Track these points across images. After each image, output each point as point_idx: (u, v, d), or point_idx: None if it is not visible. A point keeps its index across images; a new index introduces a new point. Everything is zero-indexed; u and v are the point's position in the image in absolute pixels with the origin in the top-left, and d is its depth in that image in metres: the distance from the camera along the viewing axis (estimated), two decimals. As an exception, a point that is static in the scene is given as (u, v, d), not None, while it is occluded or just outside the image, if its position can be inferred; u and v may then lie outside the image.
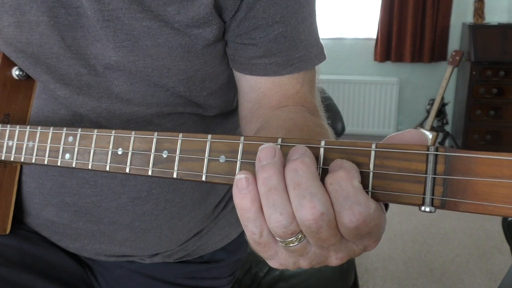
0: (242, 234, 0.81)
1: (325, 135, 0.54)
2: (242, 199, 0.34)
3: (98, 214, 0.66)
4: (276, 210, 0.33)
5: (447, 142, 3.31)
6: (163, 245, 0.71)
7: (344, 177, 0.31)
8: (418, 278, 2.07)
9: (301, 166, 0.32)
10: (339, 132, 1.78)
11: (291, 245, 0.34)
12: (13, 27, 0.56)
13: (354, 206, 0.31)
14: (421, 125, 3.33)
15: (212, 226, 0.76)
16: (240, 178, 0.34)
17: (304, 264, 0.37)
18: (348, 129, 3.42)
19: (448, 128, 3.38)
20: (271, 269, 1.47)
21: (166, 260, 0.74)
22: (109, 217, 0.66)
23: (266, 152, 0.34)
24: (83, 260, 0.74)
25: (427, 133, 3.23)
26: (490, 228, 2.46)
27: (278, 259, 0.37)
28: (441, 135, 3.31)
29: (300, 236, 0.34)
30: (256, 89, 0.62)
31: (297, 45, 0.59)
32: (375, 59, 3.47)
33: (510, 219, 1.49)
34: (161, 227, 0.68)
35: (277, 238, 0.34)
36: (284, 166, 0.33)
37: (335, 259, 0.36)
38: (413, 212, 2.63)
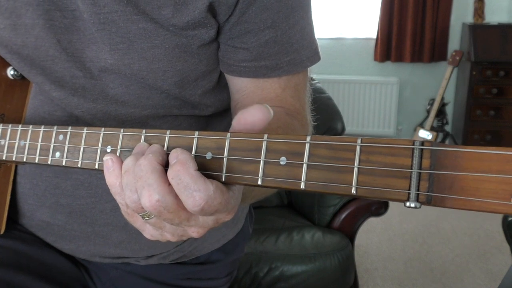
0: (239, 234, 0.81)
1: (287, 131, 0.56)
2: (109, 177, 0.41)
3: (92, 216, 0.65)
4: (127, 188, 0.39)
5: (447, 142, 3.31)
6: (158, 246, 0.71)
7: (181, 170, 0.36)
8: (418, 278, 2.07)
9: (143, 161, 0.38)
10: (339, 132, 1.77)
11: (147, 218, 0.41)
12: (9, 29, 0.56)
13: (195, 193, 0.36)
14: (421, 125, 3.32)
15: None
16: (107, 159, 0.41)
17: (168, 236, 0.43)
18: (348, 129, 3.41)
19: (448, 128, 3.37)
20: (271, 269, 1.47)
21: (161, 262, 0.73)
22: (104, 218, 0.66)
23: (138, 146, 0.42)
24: (79, 261, 0.74)
25: (427, 133, 3.22)
26: (490, 228, 2.46)
27: (148, 230, 0.44)
28: (441, 135, 3.30)
29: None
30: (241, 91, 0.62)
31: (287, 49, 0.59)
32: (375, 59, 3.47)
33: (510, 218, 1.48)
34: None
35: (137, 214, 0.40)
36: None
37: (191, 233, 0.42)
38: (413, 212, 2.62)
